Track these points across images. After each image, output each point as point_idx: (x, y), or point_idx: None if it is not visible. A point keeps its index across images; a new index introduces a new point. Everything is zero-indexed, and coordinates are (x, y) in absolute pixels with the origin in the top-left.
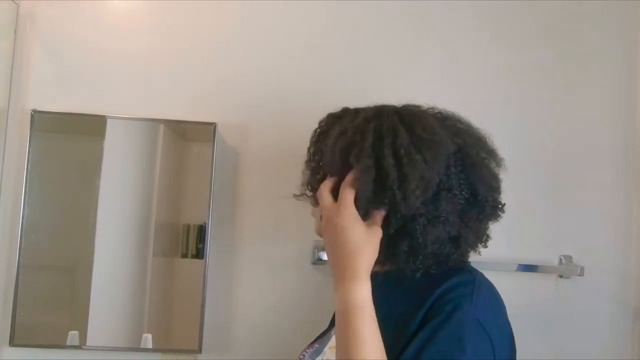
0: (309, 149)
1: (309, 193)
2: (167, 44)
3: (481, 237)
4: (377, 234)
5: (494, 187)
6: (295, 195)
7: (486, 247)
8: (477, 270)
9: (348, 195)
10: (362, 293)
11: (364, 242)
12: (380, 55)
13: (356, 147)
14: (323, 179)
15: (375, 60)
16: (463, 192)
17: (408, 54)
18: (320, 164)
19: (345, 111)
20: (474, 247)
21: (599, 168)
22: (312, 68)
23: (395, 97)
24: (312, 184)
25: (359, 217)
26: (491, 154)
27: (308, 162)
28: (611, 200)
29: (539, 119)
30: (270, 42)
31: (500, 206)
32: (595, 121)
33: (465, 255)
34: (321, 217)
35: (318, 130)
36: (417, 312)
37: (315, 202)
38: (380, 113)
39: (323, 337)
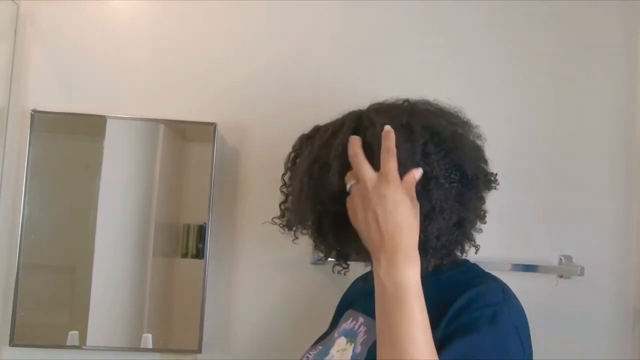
0: (283, 175)
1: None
2: (167, 44)
3: (480, 215)
4: (417, 207)
5: (480, 159)
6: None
7: (485, 222)
8: (496, 277)
9: (393, 163)
10: (417, 276)
11: (414, 217)
12: (381, 54)
13: (312, 167)
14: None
15: (376, 60)
16: (452, 176)
17: (409, 53)
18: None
19: (316, 129)
20: (475, 226)
21: (599, 168)
22: (313, 68)
23: (396, 96)
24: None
25: (405, 190)
26: (466, 127)
27: (285, 187)
28: (611, 200)
29: (539, 119)
30: (270, 42)
31: (493, 177)
32: (596, 121)
33: (471, 238)
34: (349, 191)
35: (292, 154)
36: (443, 315)
37: (289, 227)
38: (342, 126)
39: (325, 338)
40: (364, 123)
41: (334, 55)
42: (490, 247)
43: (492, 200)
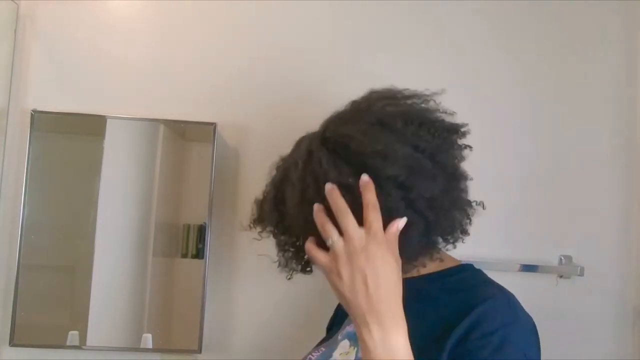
0: (265, 191)
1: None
2: (167, 44)
3: (467, 204)
4: (399, 263)
5: (459, 147)
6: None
7: (473, 208)
8: (501, 287)
9: (379, 219)
10: (407, 342)
11: (400, 279)
12: (383, 55)
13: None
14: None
15: (377, 60)
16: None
17: (411, 53)
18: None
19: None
20: (468, 212)
21: (599, 168)
22: (313, 68)
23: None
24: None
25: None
26: (439, 111)
27: (265, 200)
28: (611, 200)
29: (539, 118)
30: (270, 42)
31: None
32: (596, 121)
33: (465, 229)
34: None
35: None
36: (450, 332)
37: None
38: (311, 153)
39: (329, 340)
40: (333, 144)
41: (334, 55)
42: (491, 247)
43: (493, 200)
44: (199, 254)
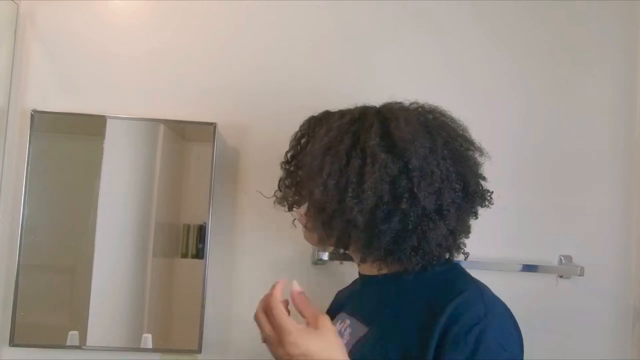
0: (287, 152)
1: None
2: (167, 44)
3: (467, 229)
4: (325, 325)
5: (480, 176)
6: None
7: (468, 237)
8: (476, 280)
9: (282, 315)
10: None
11: (328, 345)
12: (382, 55)
13: (334, 149)
14: (297, 184)
15: (377, 60)
16: (456, 185)
17: (409, 54)
18: (298, 167)
19: (327, 113)
20: (462, 238)
21: (599, 168)
22: (313, 68)
23: (396, 97)
24: (289, 189)
25: (303, 329)
26: (473, 144)
27: (286, 164)
28: (611, 200)
29: (539, 119)
30: (270, 42)
31: (488, 195)
32: (596, 121)
33: (460, 248)
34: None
35: (299, 133)
36: (430, 328)
37: (288, 207)
38: (364, 115)
39: None
40: (386, 115)
41: (335, 55)
42: (491, 247)
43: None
44: (199, 254)
